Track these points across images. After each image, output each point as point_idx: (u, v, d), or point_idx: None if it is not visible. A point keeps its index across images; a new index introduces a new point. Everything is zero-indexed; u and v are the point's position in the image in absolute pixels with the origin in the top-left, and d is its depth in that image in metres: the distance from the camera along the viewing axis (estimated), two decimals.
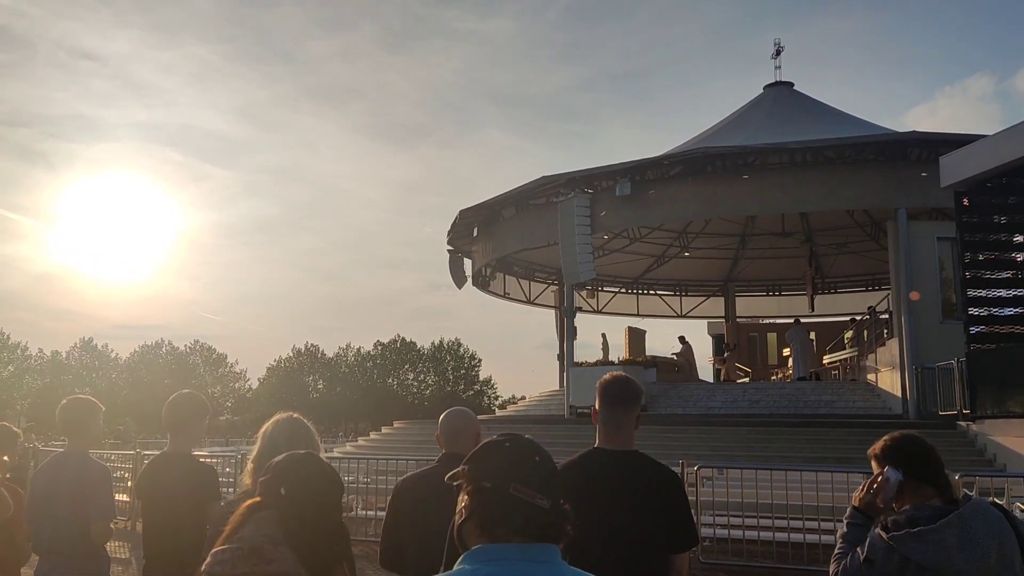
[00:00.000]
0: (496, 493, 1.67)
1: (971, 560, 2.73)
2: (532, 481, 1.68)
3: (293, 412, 3.22)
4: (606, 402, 3.10)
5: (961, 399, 14.89)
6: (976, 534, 2.75)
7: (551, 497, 1.68)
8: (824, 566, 8.85)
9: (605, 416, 3.10)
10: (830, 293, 33.03)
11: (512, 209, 24.80)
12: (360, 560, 9.27)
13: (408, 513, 3.37)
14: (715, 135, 26.45)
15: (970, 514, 2.79)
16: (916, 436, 3.10)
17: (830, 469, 10.31)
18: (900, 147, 19.74)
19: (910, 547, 2.78)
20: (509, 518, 1.66)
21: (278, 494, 1.76)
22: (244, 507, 1.77)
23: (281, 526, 1.70)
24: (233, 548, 1.68)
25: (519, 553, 1.64)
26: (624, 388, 3.12)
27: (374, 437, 24.69)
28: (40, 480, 4.40)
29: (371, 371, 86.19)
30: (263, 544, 1.68)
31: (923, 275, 18.58)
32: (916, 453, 2.98)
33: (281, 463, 1.83)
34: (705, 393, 22.70)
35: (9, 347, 75.44)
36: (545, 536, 1.67)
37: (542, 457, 1.75)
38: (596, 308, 33.25)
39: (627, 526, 2.87)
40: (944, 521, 2.78)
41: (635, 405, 3.12)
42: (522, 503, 1.66)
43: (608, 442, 3.07)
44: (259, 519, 1.72)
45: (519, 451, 1.74)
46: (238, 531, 1.73)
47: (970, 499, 2.90)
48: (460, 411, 3.73)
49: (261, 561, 1.66)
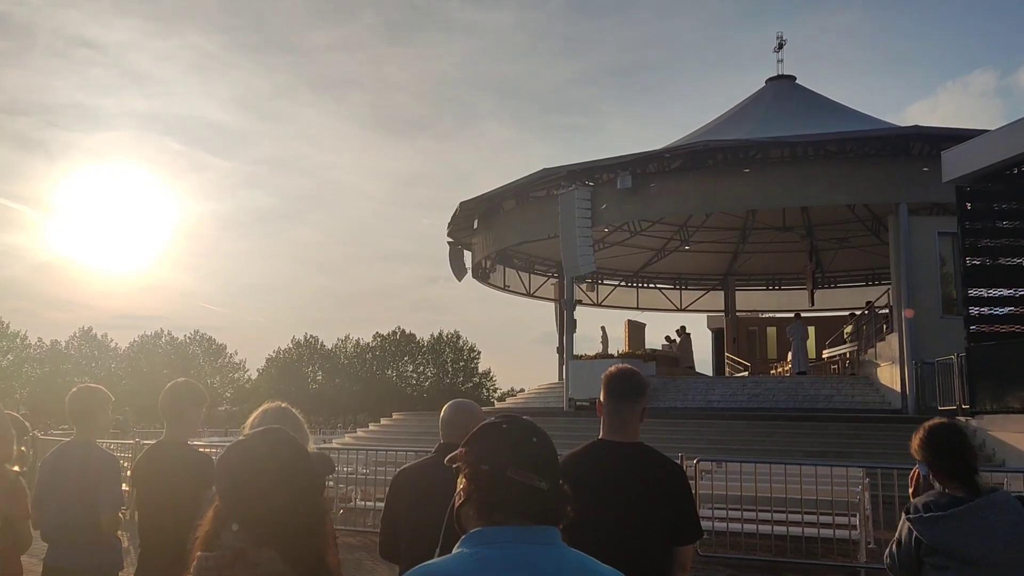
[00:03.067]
0: (494, 476, 1.65)
1: (981, 547, 2.95)
2: (530, 463, 1.67)
3: (282, 401, 3.18)
4: (611, 395, 3.09)
5: (960, 394, 14.88)
6: (989, 524, 2.96)
7: (549, 479, 1.67)
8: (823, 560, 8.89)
9: (609, 408, 3.08)
10: (830, 288, 33.02)
11: (512, 202, 24.77)
12: (359, 551, 9.28)
13: (406, 503, 3.35)
14: (716, 129, 26.40)
15: (985, 505, 3.00)
16: (947, 427, 3.23)
17: (829, 463, 10.30)
18: (902, 142, 19.69)
19: (922, 530, 3.05)
20: (507, 501, 1.64)
21: (232, 496, 1.68)
22: (212, 510, 1.71)
23: (249, 530, 1.65)
24: (216, 555, 1.64)
25: (518, 535, 1.62)
26: (629, 381, 3.10)
27: (373, 428, 24.74)
28: (47, 469, 4.38)
29: (370, 363, 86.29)
30: (246, 548, 1.64)
31: (923, 270, 18.56)
32: (941, 446, 3.15)
33: (224, 462, 1.72)
34: (704, 387, 22.71)
35: (8, 336, 75.50)
36: (544, 518, 1.65)
37: (540, 439, 1.72)
38: (596, 301, 33.24)
39: (630, 518, 2.85)
40: (956, 510, 3.01)
41: (640, 398, 3.09)
42: (520, 486, 1.64)
43: (612, 434, 3.06)
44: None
45: (517, 433, 1.72)
46: (217, 534, 1.68)
47: (994, 492, 3.09)
48: (462, 404, 3.61)
49: (247, 566, 1.62)
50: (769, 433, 16.58)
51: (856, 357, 23.83)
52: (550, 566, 1.60)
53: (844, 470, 9.73)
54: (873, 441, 15.40)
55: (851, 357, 24.52)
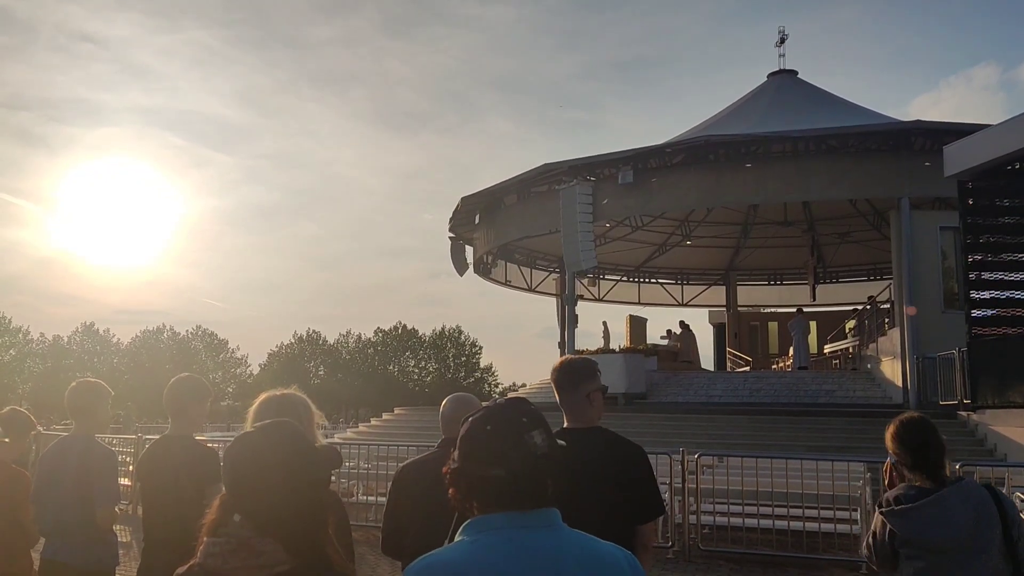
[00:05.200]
0: (461, 471, 1.73)
1: (945, 535, 3.06)
2: (480, 454, 1.71)
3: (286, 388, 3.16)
4: (554, 386, 3.27)
5: (962, 389, 14.88)
6: (951, 512, 3.07)
7: (504, 466, 1.68)
8: (823, 554, 8.91)
9: (559, 399, 3.24)
10: (832, 283, 33.00)
11: (514, 196, 24.75)
12: (361, 546, 9.30)
13: (408, 499, 3.36)
14: (718, 123, 26.36)
15: (949, 494, 3.11)
16: (914, 421, 3.32)
17: (830, 458, 10.32)
18: (904, 136, 19.66)
19: (893, 522, 3.17)
20: (477, 493, 1.70)
21: (236, 487, 1.73)
22: (219, 499, 1.76)
23: (252, 520, 1.69)
24: (222, 541, 1.68)
25: (511, 521, 1.66)
26: (563, 370, 3.24)
27: (375, 423, 24.75)
28: (46, 463, 4.39)
29: (372, 358, 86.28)
30: (250, 537, 1.67)
31: (925, 265, 18.55)
32: (909, 439, 3.25)
33: (230, 453, 1.77)
34: (706, 381, 22.71)
35: (11, 331, 75.56)
36: (522, 502, 1.67)
37: (494, 426, 1.74)
38: (597, 296, 33.24)
39: (588, 499, 2.89)
40: (923, 501, 3.12)
41: (578, 385, 3.18)
42: (481, 477, 1.69)
43: (569, 422, 3.20)
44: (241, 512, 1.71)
45: (472, 426, 1.77)
46: (223, 523, 1.72)
47: (959, 481, 3.21)
48: (461, 398, 3.65)
49: (251, 555, 1.66)
50: (771, 428, 16.59)
51: (858, 352, 23.83)
52: (548, 548, 1.64)
53: (845, 465, 9.75)
54: (874, 436, 15.30)
55: (853, 352, 24.52)
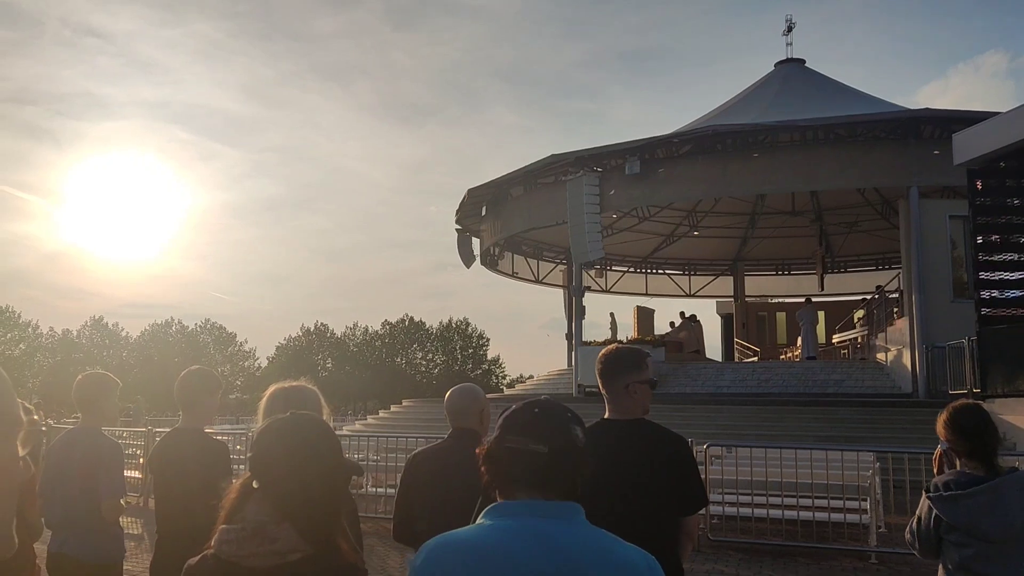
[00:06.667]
0: (497, 447, 1.72)
1: (997, 525, 3.04)
2: (525, 429, 1.70)
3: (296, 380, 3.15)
4: (597, 376, 3.22)
5: (971, 378, 14.82)
6: (1005, 502, 3.04)
7: (547, 443, 1.68)
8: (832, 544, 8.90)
9: (601, 389, 3.21)
10: (840, 272, 32.90)
11: (520, 188, 24.72)
12: (371, 536, 9.32)
13: (419, 487, 3.42)
14: (725, 113, 26.26)
15: (1005, 484, 3.09)
16: (969, 408, 3.30)
17: (839, 447, 10.30)
18: (912, 125, 19.55)
19: (941, 508, 3.15)
20: (511, 469, 1.69)
21: (265, 472, 1.76)
22: (238, 484, 1.79)
23: (277, 505, 1.71)
24: (237, 528, 1.71)
25: (532, 509, 1.66)
26: (604, 361, 3.21)
27: (383, 415, 24.85)
28: (52, 456, 4.40)
29: (379, 350, 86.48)
30: (266, 523, 1.70)
31: (934, 253, 18.47)
32: (963, 426, 3.22)
33: (261, 439, 1.80)
34: (714, 372, 22.70)
35: (20, 325, 75.99)
36: (551, 487, 1.67)
37: (543, 409, 1.75)
38: (605, 287, 33.22)
39: (634, 491, 2.91)
40: (976, 488, 3.09)
41: (617, 375, 3.15)
42: (517, 452, 1.68)
43: (610, 413, 3.16)
44: (258, 498, 1.74)
45: (522, 408, 1.77)
46: (239, 509, 1.75)
47: (1013, 471, 3.19)
48: (465, 388, 3.71)
49: (265, 540, 1.69)
50: (779, 418, 16.58)
51: (866, 341, 23.77)
52: (566, 541, 1.62)
53: (855, 454, 9.73)
54: (883, 425, 15.39)
55: (861, 341, 24.46)
